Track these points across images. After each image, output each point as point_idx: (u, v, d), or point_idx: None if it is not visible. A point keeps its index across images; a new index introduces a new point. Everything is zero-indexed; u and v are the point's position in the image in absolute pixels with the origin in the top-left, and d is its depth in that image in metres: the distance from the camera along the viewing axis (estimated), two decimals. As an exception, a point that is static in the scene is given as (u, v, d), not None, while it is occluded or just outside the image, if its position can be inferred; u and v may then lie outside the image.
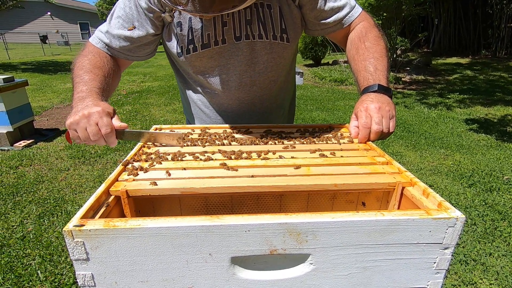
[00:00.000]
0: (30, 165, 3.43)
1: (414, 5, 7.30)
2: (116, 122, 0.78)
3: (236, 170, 0.68)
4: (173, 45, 0.98)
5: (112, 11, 0.98)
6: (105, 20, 1.00)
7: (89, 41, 1.00)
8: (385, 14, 7.12)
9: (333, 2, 0.98)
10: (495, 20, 10.68)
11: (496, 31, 10.81)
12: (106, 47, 0.98)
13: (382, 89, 0.90)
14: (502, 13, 10.34)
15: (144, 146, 0.84)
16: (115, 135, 0.77)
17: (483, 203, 2.66)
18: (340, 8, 0.99)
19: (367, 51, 0.97)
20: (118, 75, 1.02)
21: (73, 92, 0.86)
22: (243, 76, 1.01)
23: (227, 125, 1.01)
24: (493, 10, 10.55)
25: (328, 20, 1.00)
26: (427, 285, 0.58)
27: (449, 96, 6.45)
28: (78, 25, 28.72)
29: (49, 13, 26.97)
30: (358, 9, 1.02)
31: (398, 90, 7.09)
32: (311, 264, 0.54)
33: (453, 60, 10.67)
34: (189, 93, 1.12)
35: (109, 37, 0.96)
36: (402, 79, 8.10)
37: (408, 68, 8.78)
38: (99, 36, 0.98)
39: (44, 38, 22.25)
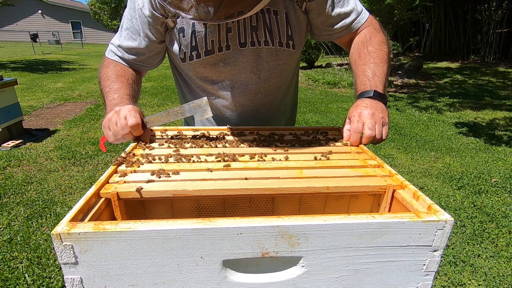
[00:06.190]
0: (19, 166, 3.36)
1: (405, 10, 7.42)
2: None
3: (228, 172, 0.68)
4: (175, 50, 0.97)
5: (121, 22, 0.99)
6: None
7: (105, 54, 1.03)
8: (377, 18, 7.20)
9: (340, 8, 0.97)
10: (484, 26, 10.92)
11: (485, 36, 11.06)
12: (121, 59, 1.00)
13: (378, 96, 0.90)
14: (491, 19, 10.59)
15: (136, 148, 0.83)
16: (142, 126, 0.84)
17: (472, 205, 2.71)
18: (347, 14, 0.98)
19: (369, 55, 0.97)
20: (140, 80, 1.06)
21: (104, 101, 0.93)
22: (248, 83, 1.00)
23: (219, 127, 1.01)
24: (482, 16, 10.79)
25: (335, 25, 0.99)
26: (417, 287, 0.59)
27: (439, 100, 6.56)
28: (70, 24, 28.34)
29: (39, 11, 26.55)
30: (365, 14, 1.02)
31: (390, 93, 7.18)
32: (303, 266, 0.54)
33: (444, 64, 10.87)
34: (190, 96, 1.11)
35: (121, 51, 0.99)
36: (394, 82, 8.21)
37: (399, 72, 8.91)
38: (112, 49, 1.01)
39: (34, 37, 21.90)
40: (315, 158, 0.78)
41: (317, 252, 0.53)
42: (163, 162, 0.74)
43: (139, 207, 0.71)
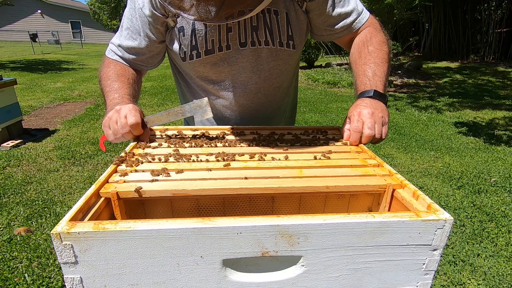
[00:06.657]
0: (18, 166, 3.36)
1: (405, 10, 7.42)
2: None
3: (228, 172, 0.68)
4: (175, 50, 0.97)
5: (122, 21, 0.99)
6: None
7: (105, 54, 1.03)
8: (377, 18, 7.22)
9: (340, 8, 0.97)
10: (483, 26, 10.92)
11: (484, 36, 11.06)
12: (121, 59, 1.01)
13: (378, 95, 0.90)
14: (490, 19, 10.59)
15: (135, 147, 0.83)
16: (142, 125, 0.84)
17: (472, 205, 2.71)
18: (347, 14, 0.98)
19: (369, 55, 0.97)
20: (140, 80, 1.06)
21: (105, 100, 0.93)
22: (248, 82, 1.00)
23: (219, 127, 1.01)
24: (482, 16, 10.79)
25: (336, 25, 0.99)
26: (417, 286, 0.59)
27: (439, 100, 6.56)
28: (70, 24, 28.30)
29: (39, 11, 26.51)
30: (366, 14, 1.02)
31: (389, 93, 7.18)
32: (303, 266, 0.54)
33: (443, 64, 10.87)
34: (190, 96, 1.11)
35: (122, 50, 1.00)
36: (394, 82, 8.21)
37: (399, 72, 8.91)
38: (112, 49, 1.01)
39: (34, 37, 21.87)
40: (315, 158, 0.78)
41: (317, 251, 0.53)
42: (163, 162, 0.74)
43: (139, 207, 0.71)
